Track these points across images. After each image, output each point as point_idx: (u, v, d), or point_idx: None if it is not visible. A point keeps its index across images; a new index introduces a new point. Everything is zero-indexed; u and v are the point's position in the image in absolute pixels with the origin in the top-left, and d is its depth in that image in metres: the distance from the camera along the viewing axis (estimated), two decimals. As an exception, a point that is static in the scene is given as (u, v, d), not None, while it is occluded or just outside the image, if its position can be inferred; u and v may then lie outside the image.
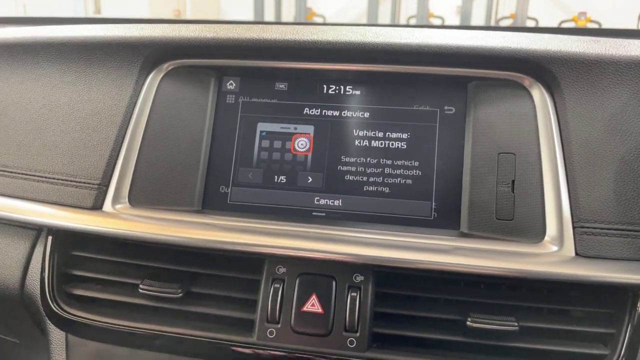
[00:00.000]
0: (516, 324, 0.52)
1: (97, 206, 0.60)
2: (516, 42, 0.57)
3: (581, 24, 5.45)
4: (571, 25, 5.50)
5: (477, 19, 5.79)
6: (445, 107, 0.61)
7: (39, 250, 0.64)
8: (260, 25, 0.64)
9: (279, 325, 0.54)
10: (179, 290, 0.56)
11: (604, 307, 0.53)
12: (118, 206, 0.61)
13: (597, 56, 0.55)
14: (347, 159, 0.61)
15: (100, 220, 0.59)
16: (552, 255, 0.52)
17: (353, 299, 0.54)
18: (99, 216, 0.59)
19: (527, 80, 0.58)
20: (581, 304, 0.54)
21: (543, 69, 0.56)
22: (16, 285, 0.65)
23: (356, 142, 0.62)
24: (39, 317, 0.64)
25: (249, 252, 0.55)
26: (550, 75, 0.56)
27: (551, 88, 0.57)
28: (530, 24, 5.64)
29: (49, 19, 1.09)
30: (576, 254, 0.52)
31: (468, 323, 0.52)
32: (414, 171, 0.60)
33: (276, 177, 0.62)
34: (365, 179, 0.61)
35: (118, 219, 0.59)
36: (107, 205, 0.60)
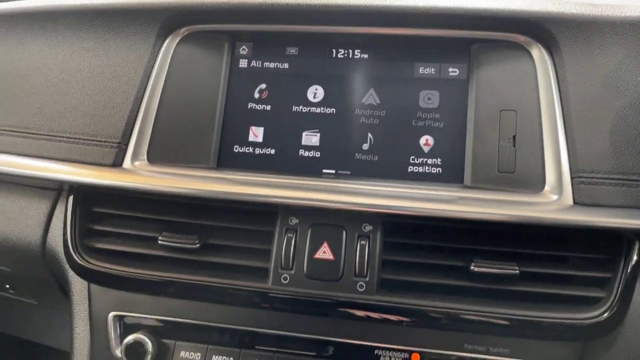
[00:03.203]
0: (517, 268, 0.54)
1: (117, 163, 0.63)
2: (517, 4, 0.60)
3: None
4: None
5: None
6: (450, 69, 0.63)
7: (60, 209, 0.67)
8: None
9: (293, 272, 0.57)
10: (197, 242, 0.59)
11: (601, 252, 0.56)
12: (137, 163, 0.63)
13: (594, 17, 0.58)
14: (356, 119, 0.64)
15: (120, 176, 0.61)
16: (552, 203, 0.55)
17: (362, 247, 0.57)
18: (119, 172, 0.62)
19: (527, 41, 0.61)
20: (579, 250, 0.57)
21: (542, 29, 0.59)
22: (38, 242, 0.68)
23: (365, 103, 0.64)
24: (61, 271, 0.67)
25: (262, 203, 0.58)
26: (549, 36, 0.59)
27: (550, 48, 0.60)
28: None
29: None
30: (574, 202, 0.55)
31: (472, 268, 0.55)
32: (421, 129, 0.63)
33: (287, 137, 0.65)
34: (373, 138, 0.63)
35: (137, 175, 0.62)
36: (127, 163, 0.63)
